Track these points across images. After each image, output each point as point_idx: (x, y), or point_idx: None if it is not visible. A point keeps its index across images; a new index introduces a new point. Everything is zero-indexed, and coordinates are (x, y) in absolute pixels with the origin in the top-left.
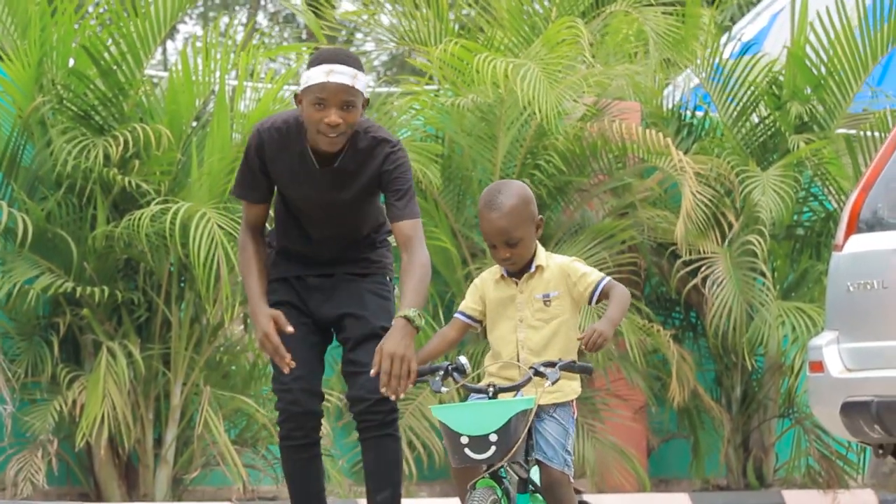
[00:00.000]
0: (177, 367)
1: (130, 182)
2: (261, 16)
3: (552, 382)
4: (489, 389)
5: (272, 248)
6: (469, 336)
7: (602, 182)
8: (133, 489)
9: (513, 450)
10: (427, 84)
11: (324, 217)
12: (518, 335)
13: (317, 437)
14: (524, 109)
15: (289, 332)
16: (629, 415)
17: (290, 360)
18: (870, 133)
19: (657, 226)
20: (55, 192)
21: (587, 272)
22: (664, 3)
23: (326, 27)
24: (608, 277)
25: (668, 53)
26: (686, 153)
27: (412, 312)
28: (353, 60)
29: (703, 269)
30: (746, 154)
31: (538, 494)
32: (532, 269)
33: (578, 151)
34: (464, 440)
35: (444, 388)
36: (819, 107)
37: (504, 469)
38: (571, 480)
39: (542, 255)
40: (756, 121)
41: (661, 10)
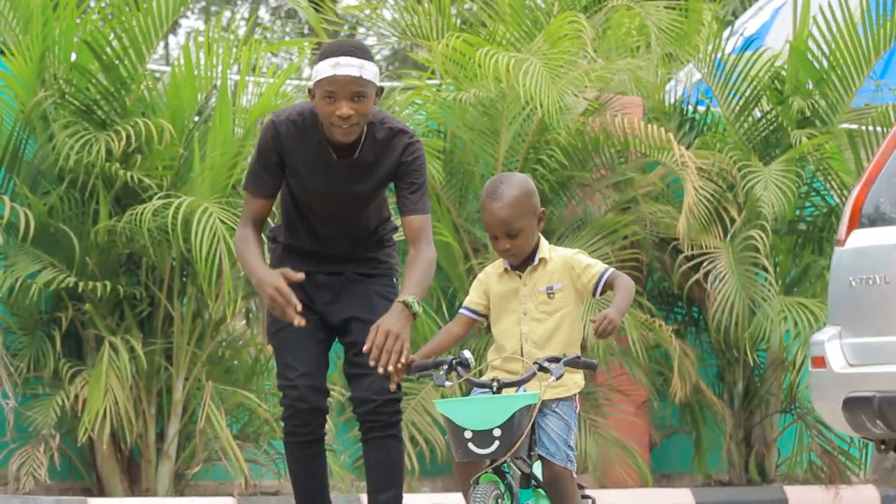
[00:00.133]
0: (179, 362)
1: (132, 177)
2: (263, 10)
3: (556, 378)
4: (493, 384)
5: (278, 244)
6: (472, 331)
7: (604, 177)
8: (135, 484)
9: (516, 445)
10: (429, 79)
11: (336, 211)
12: (522, 328)
13: (322, 434)
14: (526, 104)
15: (299, 279)
16: (631, 410)
17: (300, 314)
18: (872, 128)
19: (659, 221)
20: (57, 187)
21: (591, 263)
22: None
23: (328, 22)
24: (612, 268)
25: (671, 48)
26: (688, 148)
27: (411, 299)
28: (361, 51)
29: (706, 265)
30: (748, 149)
31: (541, 489)
32: (535, 262)
33: (580, 146)
34: (467, 435)
35: (448, 383)
36: (821, 101)
37: (507, 464)
38: (574, 475)
39: (546, 248)
40: (758, 115)
41: (664, 5)
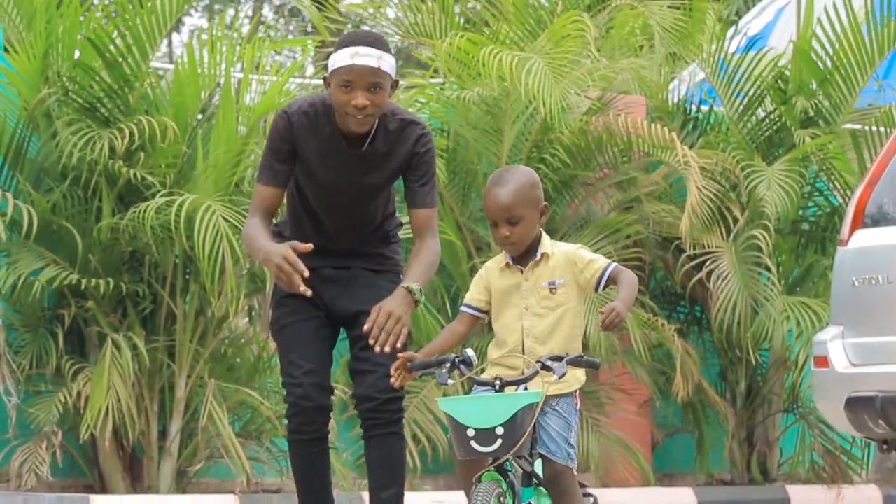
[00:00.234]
0: (181, 360)
1: (136, 174)
2: (266, 9)
3: (559, 377)
4: (496, 382)
5: (284, 238)
6: (475, 329)
7: (607, 176)
8: (137, 481)
9: (519, 443)
10: (432, 77)
11: (346, 202)
12: (523, 323)
13: (325, 432)
14: (529, 103)
15: (307, 249)
16: (633, 409)
17: (305, 283)
18: (875, 128)
19: (662, 220)
20: (60, 184)
21: (594, 259)
22: None
23: (331, 20)
24: (615, 263)
25: (674, 47)
26: (691, 147)
27: (415, 286)
28: (379, 42)
29: (708, 264)
30: (752, 148)
31: (542, 487)
32: (538, 257)
33: (584, 145)
34: (470, 433)
35: (451, 381)
36: (825, 101)
37: (509, 462)
38: (575, 473)
39: (547, 243)
40: (762, 115)
41: (667, 4)
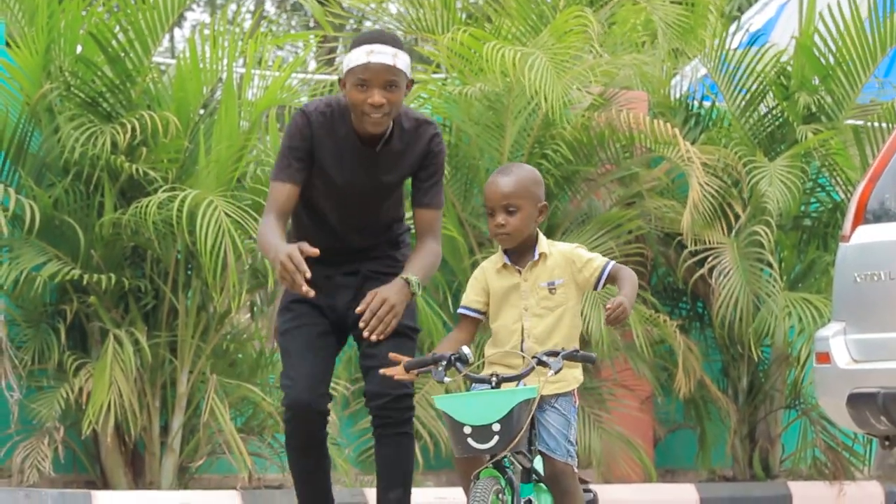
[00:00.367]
0: (183, 355)
1: (138, 169)
2: (268, 4)
3: (555, 372)
4: (492, 379)
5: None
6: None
7: (609, 172)
8: (139, 477)
9: (516, 439)
10: (434, 73)
11: (357, 203)
12: (523, 323)
13: (323, 436)
14: (532, 99)
15: (314, 254)
16: (635, 405)
17: (308, 287)
18: (878, 124)
19: (664, 216)
20: (62, 180)
21: (592, 257)
22: None
23: (334, 16)
24: (613, 261)
25: (676, 43)
26: (693, 143)
27: (413, 278)
28: (394, 40)
29: (710, 260)
30: (754, 144)
31: (542, 484)
32: (536, 257)
33: (586, 141)
34: (467, 430)
35: (447, 378)
36: (827, 97)
37: (508, 459)
38: (576, 470)
39: (545, 243)
40: (764, 111)
41: (669, 0)
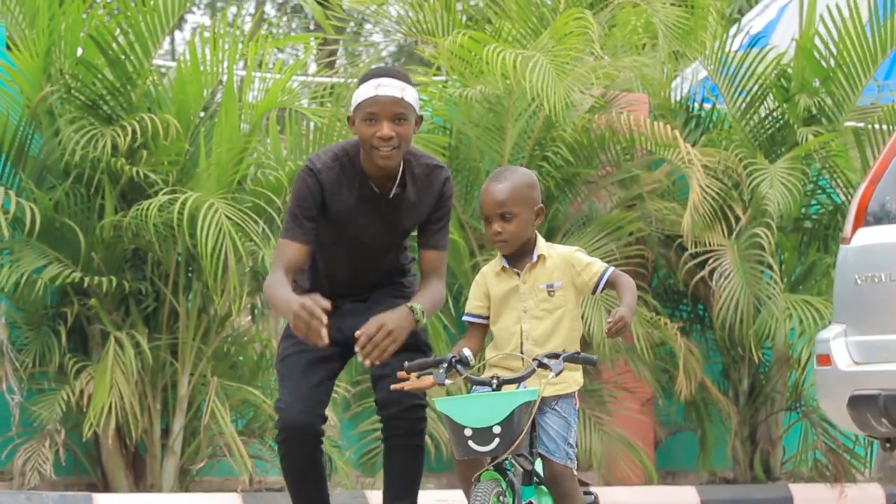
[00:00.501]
0: (184, 358)
1: (138, 172)
2: (269, 6)
3: (556, 374)
4: (493, 381)
5: (299, 287)
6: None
7: (610, 174)
8: (140, 479)
9: (516, 442)
10: (435, 75)
11: (372, 249)
12: (522, 325)
13: (318, 456)
14: (532, 101)
15: (327, 307)
16: (636, 407)
17: (325, 337)
18: (878, 126)
19: (665, 218)
20: (63, 182)
21: (591, 262)
22: None
23: (334, 18)
24: (612, 267)
25: (677, 45)
26: (694, 145)
27: (417, 306)
28: (401, 75)
29: (711, 262)
30: (754, 146)
31: (543, 486)
32: (534, 259)
33: (586, 143)
34: (467, 432)
35: (448, 381)
36: (827, 99)
37: (508, 461)
38: (575, 473)
39: (543, 246)
40: (764, 113)
41: (670, 2)
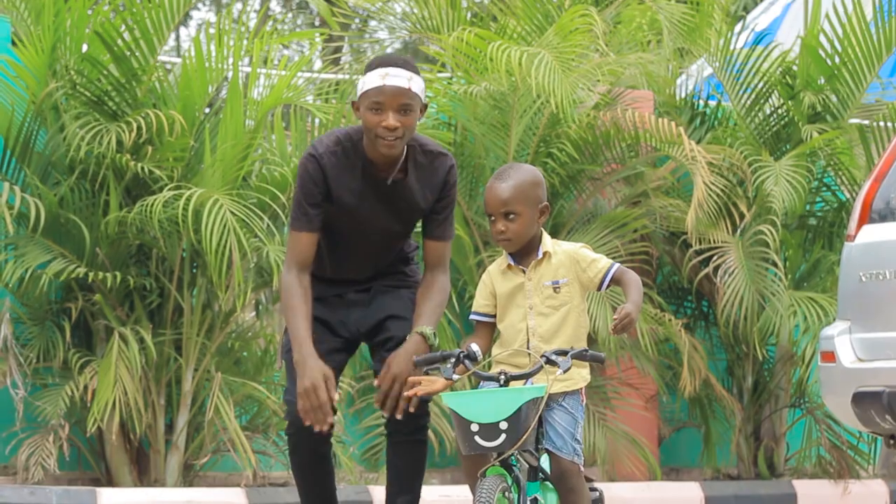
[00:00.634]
0: (188, 353)
1: (143, 168)
2: (274, 2)
3: (563, 371)
4: (500, 377)
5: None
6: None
7: (614, 171)
8: (144, 474)
9: (523, 438)
10: (440, 72)
11: (377, 235)
12: (528, 322)
13: (326, 450)
14: (537, 98)
15: (335, 400)
16: (641, 403)
17: (329, 422)
18: (883, 123)
19: (669, 215)
20: (68, 178)
21: (596, 258)
22: None
23: (339, 14)
24: (618, 263)
25: (682, 42)
26: (699, 142)
27: (428, 330)
28: (409, 64)
29: (715, 259)
30: (759, 144)
31: (549, 482)
32: (539, 256)
33: (591, 140)
34: (474, 428)
35: (456, 376)
36: (832, 97)
37: (514, 457)
38: (582, 469)
39: (549, 242)
40: (769, 111)
41: None
